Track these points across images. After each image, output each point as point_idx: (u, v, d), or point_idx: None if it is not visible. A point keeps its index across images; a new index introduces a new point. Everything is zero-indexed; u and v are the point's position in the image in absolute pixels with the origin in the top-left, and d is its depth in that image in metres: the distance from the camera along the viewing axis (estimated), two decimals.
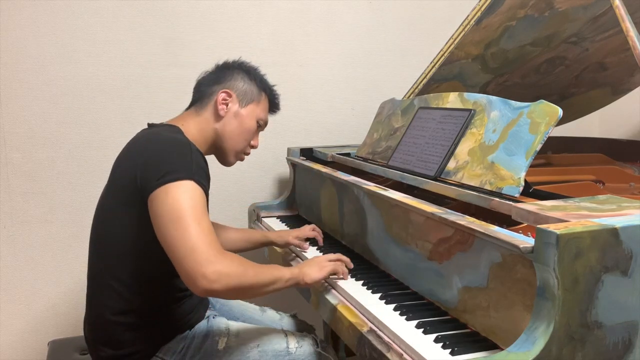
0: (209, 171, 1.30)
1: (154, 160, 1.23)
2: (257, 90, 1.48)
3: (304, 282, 1.31)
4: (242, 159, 1.53)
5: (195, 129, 1.40)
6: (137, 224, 1.26)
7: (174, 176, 1.18)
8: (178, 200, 1.16)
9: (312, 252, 1.65)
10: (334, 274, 1.38)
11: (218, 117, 1.43)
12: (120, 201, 1.29)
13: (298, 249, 1.67)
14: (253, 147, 1.52)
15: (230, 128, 1.44)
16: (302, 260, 1.58)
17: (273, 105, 1.55)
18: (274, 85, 1.54)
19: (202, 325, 1.40)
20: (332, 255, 1.42)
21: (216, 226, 1.74)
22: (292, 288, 1.63)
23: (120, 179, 1.30)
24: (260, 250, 1.98)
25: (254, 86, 1.48)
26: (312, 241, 1.72)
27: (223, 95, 1.43)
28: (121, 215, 1.28)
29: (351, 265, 1.43)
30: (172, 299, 1.34)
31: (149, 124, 1.43)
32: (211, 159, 1.46)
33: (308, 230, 1.71)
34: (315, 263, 1.37)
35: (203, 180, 1.23)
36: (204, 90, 1.45)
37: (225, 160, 1.50)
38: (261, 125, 1.52)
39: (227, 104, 1.43)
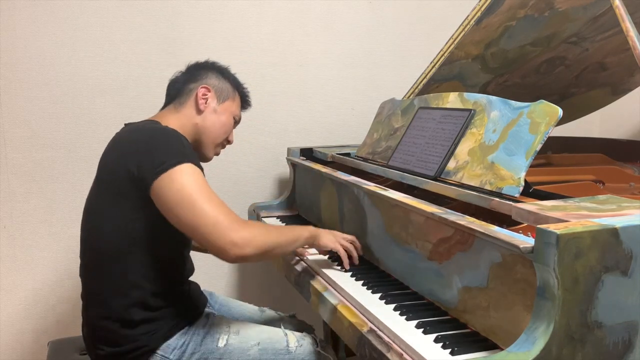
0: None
1: (146, 151, 1.25)
2: (231, 88, 1.53)
3: (317, 242, 1.41)
4: (217, 154, 1.56)
5: (176, 125, 1.41)
6: (131, 218, 1.27)
7: (171, 162, 1.22)
8: (184, 184, 1.20)
9: (313, 251, 1.65)
10: (345, 249, 1.43)
11: (199, 111, 1.46)
12: (111, 197, 1.29)
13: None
14: (229, 142, 1.57)
15: (210, 122, 1.48)
16: (305, 263, 1.57)
17: (245, 102, 1.60)
18: (243, 84, 1.59)
19: (202, 322, 1.40)
20: (348, 236, 1.47)
21: None
22: (292, 289, 1.64)
23: (110, 175, 1.31)
24: None
25: (228, 84, 1.52)
26: None
27: (203, 90, 1.46)
28: (114, 211, 1.29)
29: (357, 255, 1.46)
30: (168, 291, 1.34)
31: (126, 125, 1.43)
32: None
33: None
34: (333, 234, 1.45)
35: (198, 162, 1.28)
36: (181, 87, 1.48)
37: (204, 155, 1.51)
38: (236, 122, 1.57)
39: (206, 99, 1.47)
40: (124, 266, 1.29)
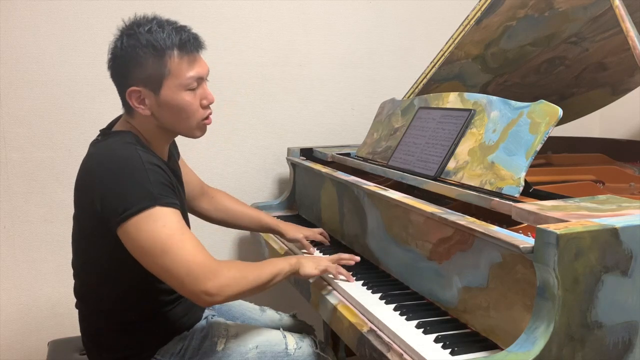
0: (172, 175, 1.26)
1: (109, 191, 1.15)
2: (157, 64, 1.20)
3: (300, 274, 1.34)
4: (208, 123, 1.30)
5: (142, 130, 1.27)
6: (111, 250, 1.21)
7: (137, 207, 1.12)
8: (153, 232, 1.12)
9: (315, 254, 1.65)
10: (328, 273, 1.40)
11: (147, 117, 1.24)
12: (87, 228, 1.25)
13: (303, 250, 1.67)
14: (209, 104, 1.28)
15: (166, 119, 1.25)
16: None
17: (185, 51, 1.23)
18: (169, 25, 1.25)
19: (200, 326, 1.39)
20: (332, 257, 1.43)
21: (231, 200, 1.73)
22: (292, 288, 1.64)
23: (80, 207, 1.25)
24: (260, 251, 1.98)
25: (150, 61, 1.20)
26: (317, 243, 1.71)
27: (133, 97, 1.23)
28: (93, 240, 1.25)
29: (352, 262, 1.43)
30: (164, 303, 1.33)
31: (101, 132, 1.32)
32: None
33: (317, 233, 1.71)
34: (313, 260, 1.39)
35: (169, 197, 1.16)
36: (119, 93, 1.28)
37: (191, 137, 1.31)
38: (198, 84, 1.25)
39: (143, 102, 1.23)
40: (111, 287, 1.27)
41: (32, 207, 2.03)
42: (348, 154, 1.95)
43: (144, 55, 1.20)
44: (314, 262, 1.37)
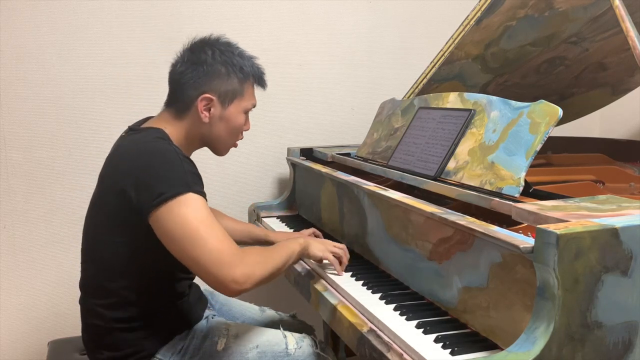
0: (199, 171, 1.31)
1: (145, 177, 1.19)
2: (238, 84, 1.36)
3: (307, 252, 1.40)
4: (235, 146, 1.46)
5: (181, 134, 1.34)
6: (130, 241, 1.24)
7: (172, 193, 1.16)
8: (186, 217, 1.16)
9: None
10: (333, 260, 1.42)
11: (202, 123, 1.35)
12: (110, 218, 1.26)
13: None
14: (245, 130, 1.45)
15: (218, 131, 1.37)
16: (305, 263, 1.57)
17: (260, 85, 1.44)
18: (253, 58, 1.41)
19: (201, 325, 1.40)
20: (338, 244, 1.45)
21: (217, 214, 1.74)
22: (292, 288, 1.64)
23: (109, 195, 1.26)
24: None
25: (235, 80, 1.35)
26: None
27: (204, 102, 1.33)
28: (113, 232, 1.26)
29: (346, 262, 1.45)
30: (166, 301, 1.34)
31: (130, 128, 1.37)
32: (206, 153, 1.44)
33: (307, 234, 1.70)
34: (323, 243, 1.44)
35: (200, 187, 1.22)
36: (181, 93, 1.35)
37: (218, 154, 1.45)
38: (250, 110, 1.43)
39: (209, 110, 1.34)
40: (121, 282, 1.28)
41: (32, 207, 2.03)
42: (348, 154, 1.95)
43: (232, 73, 1.35)
44: (322, 244, 1.43)
